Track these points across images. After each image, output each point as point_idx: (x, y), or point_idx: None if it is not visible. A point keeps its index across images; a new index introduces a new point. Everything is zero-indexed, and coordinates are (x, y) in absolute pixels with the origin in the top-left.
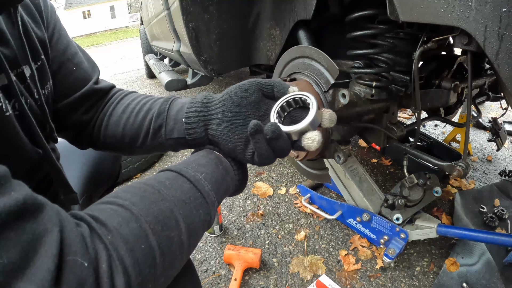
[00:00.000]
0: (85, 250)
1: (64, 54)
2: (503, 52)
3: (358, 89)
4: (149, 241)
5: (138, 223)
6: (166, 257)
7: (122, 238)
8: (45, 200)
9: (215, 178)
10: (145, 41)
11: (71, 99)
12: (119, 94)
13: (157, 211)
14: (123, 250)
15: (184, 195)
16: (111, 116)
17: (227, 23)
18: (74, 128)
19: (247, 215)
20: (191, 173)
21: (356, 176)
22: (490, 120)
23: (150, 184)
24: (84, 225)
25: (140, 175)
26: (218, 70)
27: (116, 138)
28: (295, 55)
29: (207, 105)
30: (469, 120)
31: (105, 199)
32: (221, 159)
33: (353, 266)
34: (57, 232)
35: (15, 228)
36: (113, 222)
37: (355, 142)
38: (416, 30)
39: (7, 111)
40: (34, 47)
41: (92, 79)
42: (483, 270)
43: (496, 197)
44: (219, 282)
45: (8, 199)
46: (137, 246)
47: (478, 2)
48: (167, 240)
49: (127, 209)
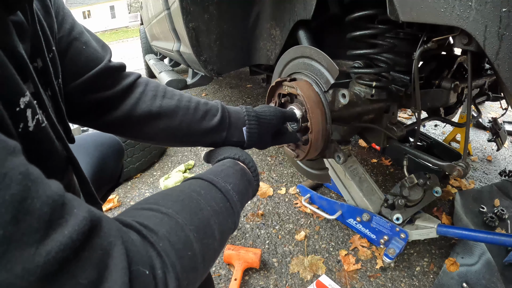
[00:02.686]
0: (144, 259)
1: (70, 33)
2: (503, 52)
3: (358, 89)
4: (193, 248)
5: (184, 232)
6: (205, 263)
7: (172, 245)
8: (99, 211)
9: (240, 189)
10: (145, 41)
11: (86, 77)
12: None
13: (198, 221)
14: (174, 257)
15: (217, 205)
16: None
17: (227, 23)
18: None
19: (247, 215)
20: (222, 184)
21: (356, 176)
22: (490, 120)
23: (187, 193)
24: (134, 233)
25: (140, 175)
26: (218, 70)
27: (168, 131)
28: (295, 55)
29: (261, 123)
30: (469, 120)
31: (146, 206)
32: (245, 171)
33: (353, 266)
34: (121, 244)
35: (87, 248)
36: (163, 230)
37: (355, 142)
38: (416, 30)
39: (43, 122)
40: (46, 38)
41: (105, 59)
42: (483, 270)
43: (496, 197)
44: (219, 282)
45: (77, 220)
46: (185, 254)
47: (478, 2)
48: (206, 247)
49: (172, 218)
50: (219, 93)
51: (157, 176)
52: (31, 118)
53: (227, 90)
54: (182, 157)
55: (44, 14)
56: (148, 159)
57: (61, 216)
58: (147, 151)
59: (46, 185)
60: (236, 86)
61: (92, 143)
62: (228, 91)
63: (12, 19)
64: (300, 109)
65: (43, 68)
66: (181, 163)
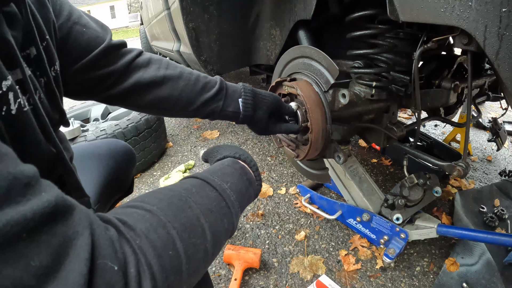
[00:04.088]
0: (114, 254)
1: (69, 19)
2: (503, 52)
3: (358, 89)
4: (176, 248)
5: (166, 230)
6: (192, 265)
7: (150, 243)
8: (75, 201)
9: (239, 189)
10: (145, 41)
11: (90, 57)
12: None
13: (184, 219)
14: (151, 256)
15: (210, 204)
16: (165, 78)
17: (227, 23)
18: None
19: (247, 215)
20: (218, 182)
21: (356, 176)
22: (490, 120)
23: (176, 191)
24: (112, 228)
25: (140, 175)
26: (218, 70)
27: (171, 100)
28: (295, 55)
29: (256, 95)
30: (469, 120)
31: (130, 203)
32: (245, 170)
33: (353, 266)
34: (88, 235)
35: (46, 231)
36: (142, 227)
37: (355, 142)
38: (416, 30)
39: (24, 106)
40: (39, 27)
41: (106, 38)
42: (483, 270)
43: (496, 197)
44: (219, 282)
45: (39, 201)
46: (164, 253)
47: (478, 2)
48: (193, 247)
49: (154, 215)
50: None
51: (157, 176)
52: (13, 101)
53: None
54: (182, 157)
55: (38, 6)
56: (148, 159)
57: (22, 195)
58: (147, 151)
59: (11, 162)
60: None
61: (105, 150)
62: None
63: (5, 10)
64: (297, 103)
65: (37, 56)
66: (181, 163)
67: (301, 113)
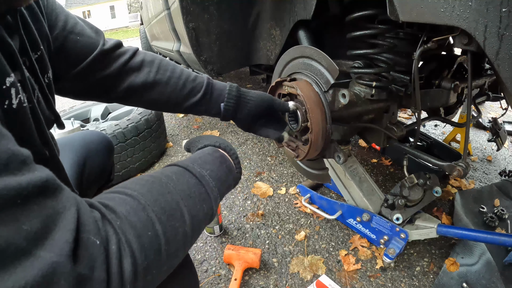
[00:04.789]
0: (97, 231)
1: (65, 29)
2: (503, 52)
3: (358, 89)
4: (155, 229)
5: (146, 212)
6: (171, 246)
7: (130, 224)
8: (63, 184)
9: (218, 176)
10: (145, 41)
11: (84, 64)
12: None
13: (164, 203)
14: (131, 235)
15: (189, 190)
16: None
17: (227, 23)
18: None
19: (247, 215)
20: (197, 170)
21: (356, 176)
22: (490, 120)
23: (157, 177)
24: (95, 210)
25: (140, 175)
26: (218, 70)
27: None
28: (295, 55)
29: (239, 99)
30: (469, 120)
31: (113, 189)
32: (225, 158)
33: (353, 266)
34: (75, 211)
35: (37, 202)
36: (122, 210)
37: (355, 142)
38: (416, 30)
39: (24, 102)
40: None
41: (99, 44)
42: (483, 270)
43: (496, 197)
44: (219, 282)
45: (33, 176)
46: (144, 233)
47: (478, 2)
48: (172, 229)
49: (135, 199)
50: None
51: None
52: (14, 96)
53: None
54: (182, 157)
55: (33, 20)
56: (148, 159)
57: (18, 168)
58: (147, 151)
59: (10, 141)
60: None
61: (79, 142)
62: None
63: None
64: (297, 103)
65: (30, 66)
66: None
67: (301, 113)
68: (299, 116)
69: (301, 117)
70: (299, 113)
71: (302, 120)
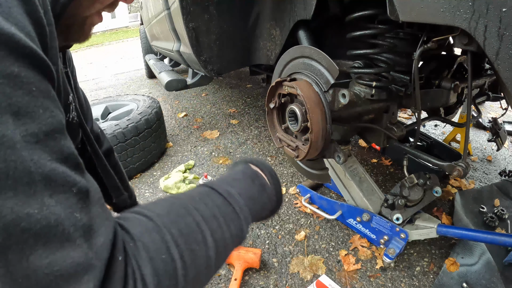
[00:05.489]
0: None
1: None
2: (503, 52)
3: (358, 89)
4: (170, 252)
5: (161, 234)
6: (189, 271)
7: (143, 246)
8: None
9: (250, 194)
10: (145, 41)
11: None
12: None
13: (183, 225)
14: (142, 258)
15: (214, 210)
16: None
17: (227, 23)
18: None
19: None
20: (224, 188)
21: (356, 176)
22: (490, 120)
23: (179, 198)
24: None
25: (140, 175)
26: (218, 70)
27: None
28: (295, 55)
29: None
30: (469, 120)
31: (133, 209)
32: (257, 174)
33: (353, 266)
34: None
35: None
36: (136, 231)
37: (355, 142)
38: (416, 30)
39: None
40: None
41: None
42: (483, 270)
43: (496, 197)
44: (219, 282)
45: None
46: (157, 256)
47: (478, 2)
48: (191, 253)
49: (151, 220)
50: (219, 93)
51: (157, 176)
52: (71, 111)
53: (227, 90)
54: (182, 157)
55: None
56: (148, 159)
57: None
58: (147, 151)
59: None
60: (236, 86)
61: None
62: (228, 91)
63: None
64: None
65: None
66: (181, 163)
67: (301, 113)
68: (299, 116)
69: (301, 117)
70: (299, 113)
71: (302, 120)
